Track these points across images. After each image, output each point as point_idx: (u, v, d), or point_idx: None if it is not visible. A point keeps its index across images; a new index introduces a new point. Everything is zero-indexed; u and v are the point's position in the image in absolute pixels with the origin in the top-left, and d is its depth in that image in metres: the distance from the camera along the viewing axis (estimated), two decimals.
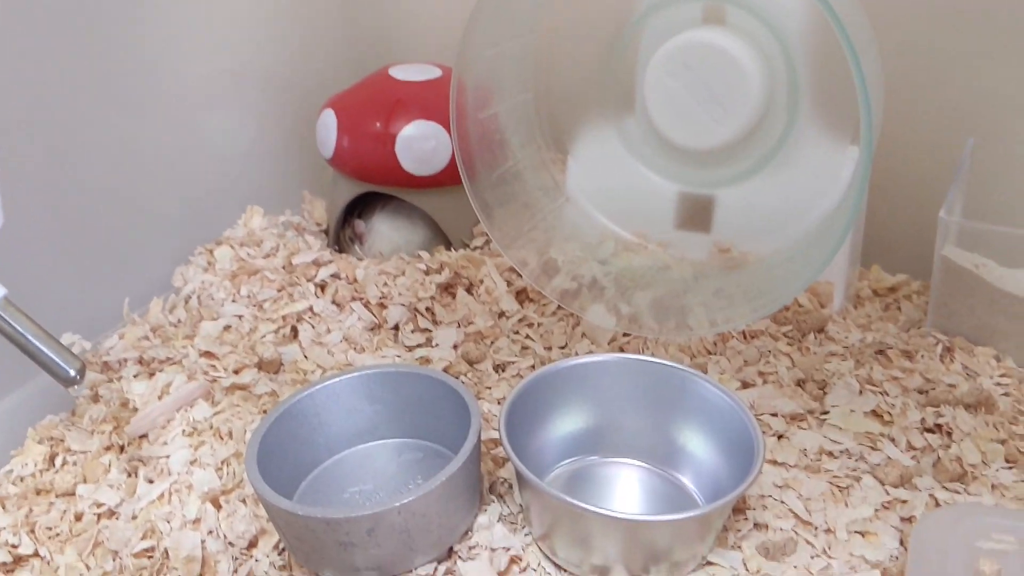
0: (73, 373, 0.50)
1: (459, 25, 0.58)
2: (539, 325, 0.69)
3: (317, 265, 0.77)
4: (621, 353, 0.64)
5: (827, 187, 0.62)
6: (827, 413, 0.59)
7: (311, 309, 0.71)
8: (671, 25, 0.63)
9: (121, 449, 0.58)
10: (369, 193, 0.81)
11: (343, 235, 0.85)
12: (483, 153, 0.64)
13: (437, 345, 0.67)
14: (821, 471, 0.54)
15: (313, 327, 0.70)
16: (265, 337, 0.69)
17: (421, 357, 0.66)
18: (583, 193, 0.70)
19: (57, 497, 0.55)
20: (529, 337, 0.68)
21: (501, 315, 0.70)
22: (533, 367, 0.64)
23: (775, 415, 0.59)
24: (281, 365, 0.66)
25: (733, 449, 0.50)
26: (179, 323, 0.71)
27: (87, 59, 0.65)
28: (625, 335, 0.67)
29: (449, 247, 0.81)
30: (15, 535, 0.52)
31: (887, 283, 0.76)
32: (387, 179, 0.79)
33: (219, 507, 0.53)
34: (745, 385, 0.62)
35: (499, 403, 0.61)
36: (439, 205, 0.80)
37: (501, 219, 0.64)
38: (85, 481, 0.56)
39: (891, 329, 0.69)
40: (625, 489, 0.54)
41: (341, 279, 0.75)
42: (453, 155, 0.64)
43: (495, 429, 0.58)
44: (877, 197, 0.73)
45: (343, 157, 0.79)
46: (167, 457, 0.57)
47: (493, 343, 0.67)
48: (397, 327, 0.70)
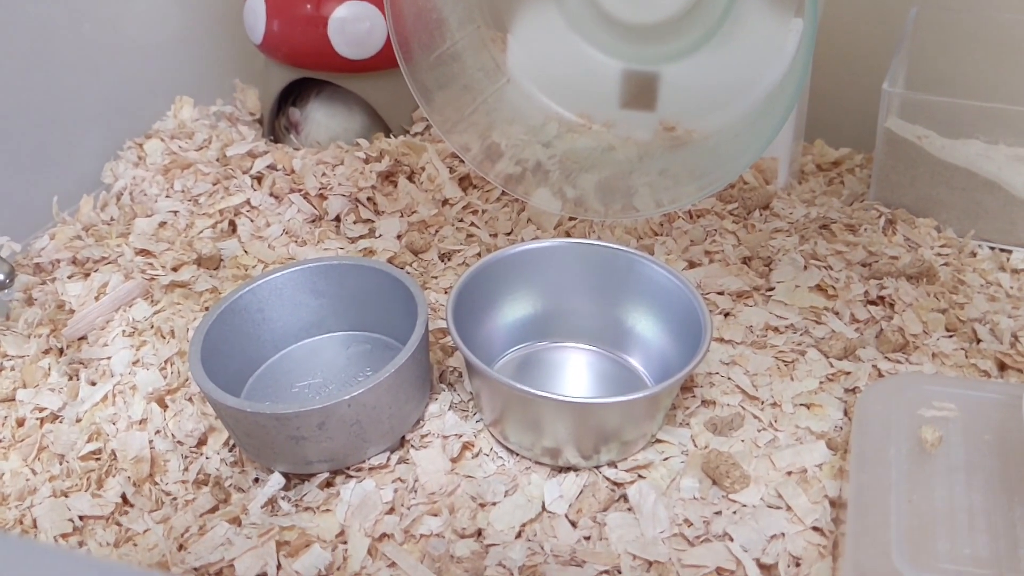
0: (2, 278, 0.49)
1: None
2: (484, 212, 0.68)
3: (252, 156, 0.74)
4: (567, 238, 0.63)
5: (772, 60, 0.61)
6: (772, 289, 0.59)
7: (248, 202, 0.69)
8: None
9: (60, 352, 0.57)
10: (303, 80, 0.78)
11: (278, 124, 0.82)
12: (420, 34, 0.61)
13: (380, 236, 0.66)
14: (767, 347, 0.55)
15: (252, 221, 0.68)
16: (203, 233, 0.67)
17: (365, 248, 0.65)
18: (525, 73, 0.68)
19: None
20: (474, 224, 0.67)
21: (445, 203, 0.69)
22: (479, 255, 0.64)
23: (721, 293, 0.59)
24: (221, 261, 0.64)
25: (681, 329, 0.51)
26: (112, 221, 0.69)
27: None
28: (571, 219, 0.67)
29: (388, 134, 0.79)
30: None
31: (830, 157, 0.76)
32: (320, 64, 0.76)
33: (165, 407, 0.53)
34: (692, 265, 0.62)
35: (446, 292, 0.61)
36: (376, 90, 0.78)
37: (441, 103, 0.62)
38: (24, 386, 0.55)
39: (835, 203, 0.69)
40: (574, 373, 0.54)
41: (278, 170, 0.72)
42: (389, 37, 0.61)
43: (443, 319, 0.57)
44: (820, 70, 0.72)
45: (273, 42, 0.76)
46: (108, 359, 0.56)
47: (437, 232, 0.66)
48: (338, 218, 0.68)
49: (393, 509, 0.46)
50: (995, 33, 0.71)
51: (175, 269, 0.63)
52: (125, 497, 0.48)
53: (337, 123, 0.79)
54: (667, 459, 0.48)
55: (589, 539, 0.44)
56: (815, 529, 0.44)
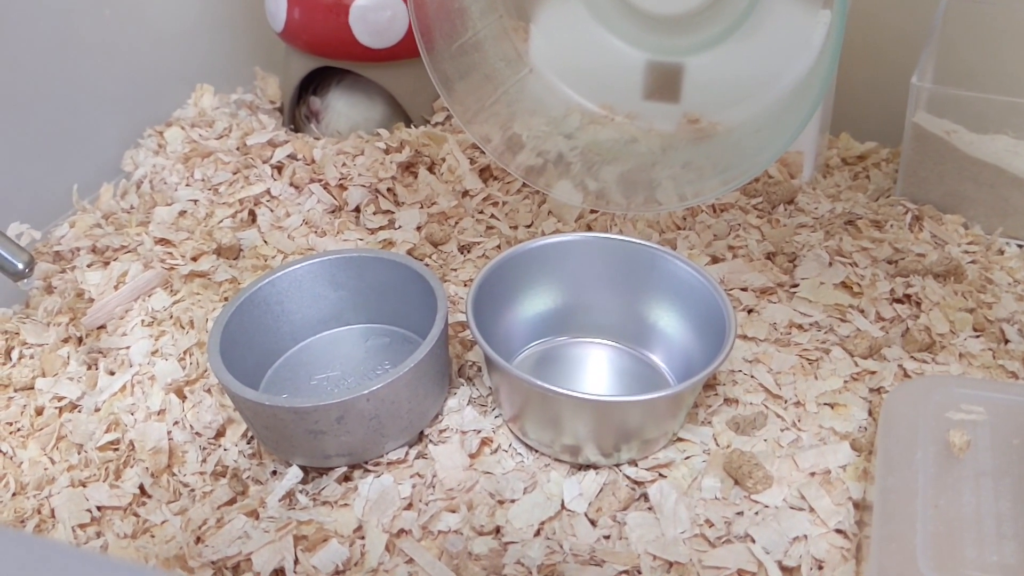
0: (21, 267, 0.48)
1: None
2: (504, 204, 0.68)
3: (273, 146, 0.74)
4: (589, 231, 0.62)
5: (799, 53, 0.60)
6: (797, 286, 0.58)
7: (268, 192, 0.69)
8: None
9: (79, 341, 0.57)
10: (324, 68, 0.78)
11: (298, 113, 0.82)
12: (441, 23, 0.61)
13: (400, 227, 0.66)
14: (791, 344, 0.54)
15: (271, 211, 0.68)
16: (222, 222, 0.67)
17: (384, 240, 0.64)
18: (547, 64, 0.67)
19: (16, 391, 0.54)
20: (494, 216, 0.66)
21: (465, 194, 0.69)
22: (499, 247, 0.63)
23: (745, 289, 0.58)
24: (240, 251, 0.64)
25: (704, 326, 0.50)
26: (132, 209, 0.69)
27: None
28: (592, 212, 0.66)
29: (409, 124, 0.79)
30: None
31: (856, 151, 0.75)
32: (341, 53, 0.75)
33: (183, 398, 0.52)
34: (715, 260, 0.61)
35: (465, 285, 0.60)
36: (397, 80, 0.77)
37: (462, 93, 0.61)
38: (44, 375, 0.55)
39: (860, 199, 0.68)
40: (595, 369, 0.54)
41: (298, 160, 0.72)
42: (410, 26, 0.61)
43: (462, 312, 0.57)
44: (846, 62, 0.71)
45: (294, 30, 0.75)
46: (127, 348, 0.56)
47: (457, 223, 0.66)
48: (358, 209, 0.68)
49: (411, 505, 0.45)
50: None
51: (194, 259, 0.63)
52: (143, 488, 0.48)
53: (358, 113, 0.78)
54: (688, 458, 0.47)
55: (608, 538, 0.43)
56: (838, 532, 0.43)
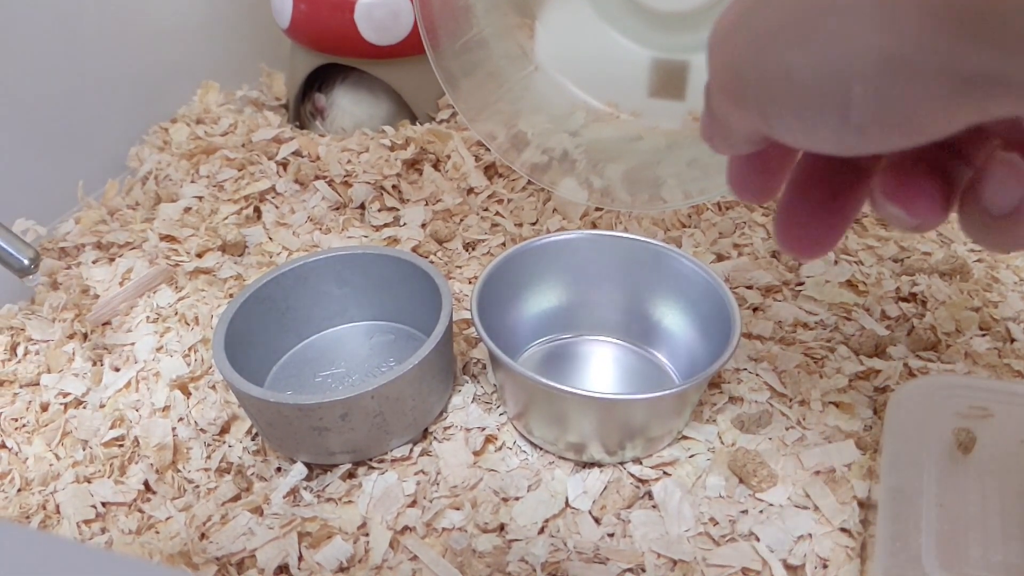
0: (27, 262, 0.48)
1: None
2: (509, 201, 0.68)
3: (278, 142, 0.74)
4: (593, 229, 0.62)
5: None
6: (802, 284, 0.58)
7: (273, 189, 0.69)
8: None
9: (84, 337, 0.57)
10: (329, 65, 0.78)
11: (303, 110, 0.82)
12: (446, 20, 0.61)
13: (405, 224, 0.66)
14: (796, 343, 0.54)
15: (276, 207, 0.68)
16: (227, 219, 0.67)
17: (389, 237, 0.64)
18: (552, 61, 0.67)
19: (21, 387, 0.54)
20: (499, 214, 0.66)
21: (470, 191, 0.69)
22: (504, 245, 0.63)
23: (750, 287, 0.58)
24: (245, 247, 0.64)
25: (709, 324, 0.50)
26: (136, 205, 0.69)
27: None
28: (597, 209, 0.66)
29: (414, 121, 0.79)
30: None
31: None
32: (347, 49, 0.75)
33: (188, 394, 0.53)
34: (720, 258, 0.61)
35: (470, 283, 0.60)
36: (402, 77, 0.77)
37: (467, 90, 0.61)
38: (49, 371, 0.55)
39: None
40: (600, 366, 0.54)
41: (303, 157, 0.72)
42: (416, 23, 0.60)
43: (467, 309, 0.57)
44: None
45: (300, 27, 0.75)
46: (132, 344, 0.56)
47: (462, 221, 0.66)
48: (363, 206, 0.68)
49: (415, 502, 0.45)
50: None
51: (199, 255, 0.63)
52: (148, 484, 0.48)
53: (362, 109, 0.78)
54: (693, 456, 0.47)
55: (613, 536, 0.43)
56: (843, 531, 0.43)
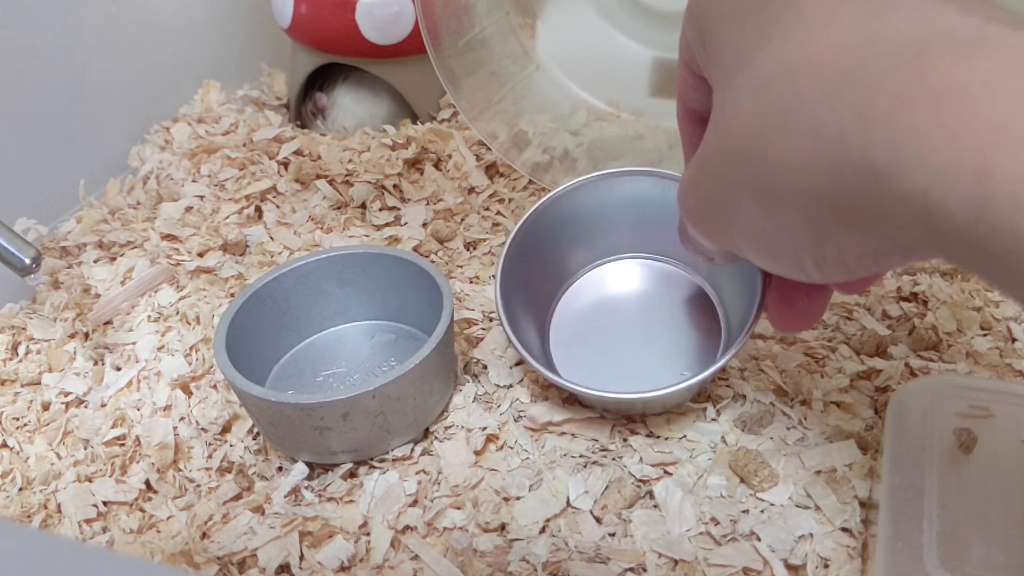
0: (28, 261, 0.48)
1: None
2: (510, 201, 0.68)
3: (279, 142, 0.74)
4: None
5: None
6: None
7: (275, 188, 0.69)
8: None
9: (85, 336, 0.57)
10: (330, 65, 0.78)
11: (304, 110, 0.82)
12: (448, 19, 0.61)
13: (406, 223, 0.66)
14: (797, 343, 0.54)
15: (277, 207, 0.68)
16: (228, 218, 0.67)
17: (390, 236, 0.64)
18: (553, 60, 0.67)
19: (22, 387, 0.54)
20: (500, 213, 0.66)
21: (471, 191, 0.69)
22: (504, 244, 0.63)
23: None
24: (247, 247, 0.64)
25: (745, 297, 0.49)
26: (138, 205, 0.69)
27: None
28: None
29: (415, 120, 0.79)
30: None
31: None
32: (348, 49, 0.75)
33: (189, 393, 0.53)
34: None
35: (471, 282, 0.60)
36: (403, 76, 0.77)
37: (468, 90, 0.61)
38: (50, 370, 0.55)
39: None
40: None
41: (304, 156, 0.72)
42: (417, 23, 0.60)
43: (468, 308, 0.57)
44: None
45: (301, 26, 0.75)
46: (133, 344, 0.56)
47: (463, 220, 0.66)
48: (364, 205, 0.68)
49: (416, 501, 0.45)
50: None
51: (201, 255, 0.63)
52: (149, 483, 0.48)
53: (364, 109, 0.78)
54: (695, 456, 0.47)
55: (614, 536, 0.43)
56: (844, 530, 0.43)
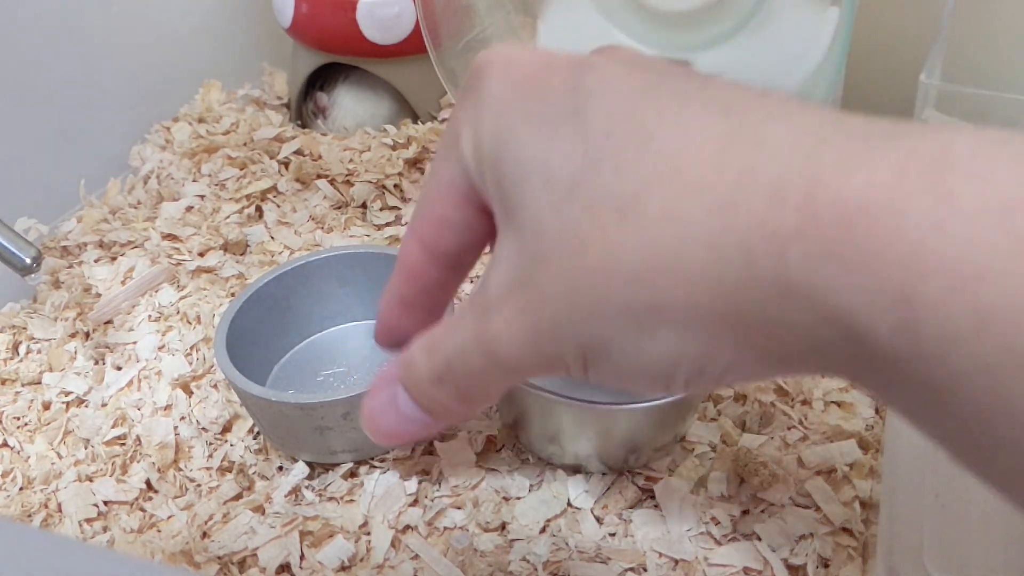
0: (29, 261, 0.48)
1: None
2: None
3: (279, 141, 0.74)
4: None
5: (807, 50, 0.60)
6: None
7: (275, 188, 0.69)
8: None
9: (86, 336, 0.57)
10: (331, 64, 0.78)
11: (305, 109, 0.81)
12: (448, 19, 0.61)
13: (407, 223, 0.66)
14: None
15: (278, 206, 0.68)
16: (229, 218, 0.67)
17: (391, 236, 0.64)
18: None
19: (23, 386, 0.54)
20: None
21: None
22: None
23: None
24: (247, 246, 0.64)
25: None
26: (139, 204, 0.69)
27: None
28: None
29: (416, 120, 0.78)
30: None
31: None
32: (349, 49, 0.75)
33: (190, 393, 0.53)
34: None
35: (471, 281, 0.60)
36: (404, 76, 0.77)
37: None
38: (51, 369, 0.55)
39: None
40: None
41: (305, 155, 0.72)
42: (417, 22, 0.60)
43: None
44: (854, 60, 0.71)
45: (302, 26, 0.75)
46: (134, 343, 0.56)
47: None
48: (365, 205, 0.68)
49: (417, 501, 0.45)
50: None
51: (201, 254, 0.63)
52: (149, 483, 0.48)
53: (364, 109, 0.78)
54: (696, 456, 0.47)
55: (615, 536, 0.43)
56: (845, 530, 0.43)
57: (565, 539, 0.43)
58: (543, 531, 0.44)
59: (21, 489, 0.48)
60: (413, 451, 0.48)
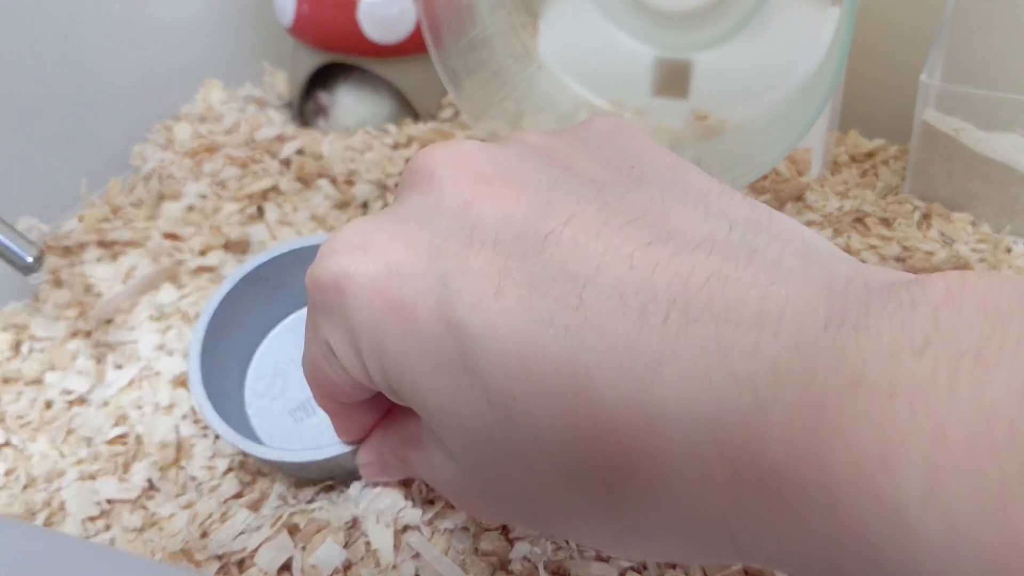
0: (31, 260, 0.49)
1: None
2: None
3: (281, 141, 0.74)
4: None
5: (807, 50, 0.60)
6: None
7: (276, 187, 0.69)
8: None
9: (87, 335, 0.57)
10: (332, 64, 0.78)
11: (306, 108, 0.82)
12: (450, 18, 0.61)
13: None
14: None
15: (279, 206, 0.68)
16: (230, 217, 0.67)
17: None
18: (556, 60, 0.67)
19: (25, 385, 0.54)
20: None
21: None
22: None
23: None
24: (249, 245, 0.64)
25: None
26: (140, 203, 0.69)
27: None
28: None
29: (417, 119, 0.79)
30: None
31: (864, 148, 0.75)
32: (350, 48, 0.75)
33: (190, 391, 0.53)
34: None
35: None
36: (405, 75, 0.77)
37: (470, 89, 0.61)
38: (53, 368, 0.55)
39: (869, 196, 0.68)
40: None
41: (306, 155, 0.72)
42: (419, 21, 0.61)
43: None
44: (855, 58, 0.71)
45: (303, 25, 0.75)
46: (135, 342, 0.56)
47: None
48: (366, 204, 0.68)
49: (417, 501, 0.45)
50: None
51: (202, 253, 0.63)
52: (151, 482, 0.48)
53: (366, 108, 0.78)
54: None
55: None
56: None
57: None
58: None
59: (24, 487, 0.48)
60: None
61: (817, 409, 0.19)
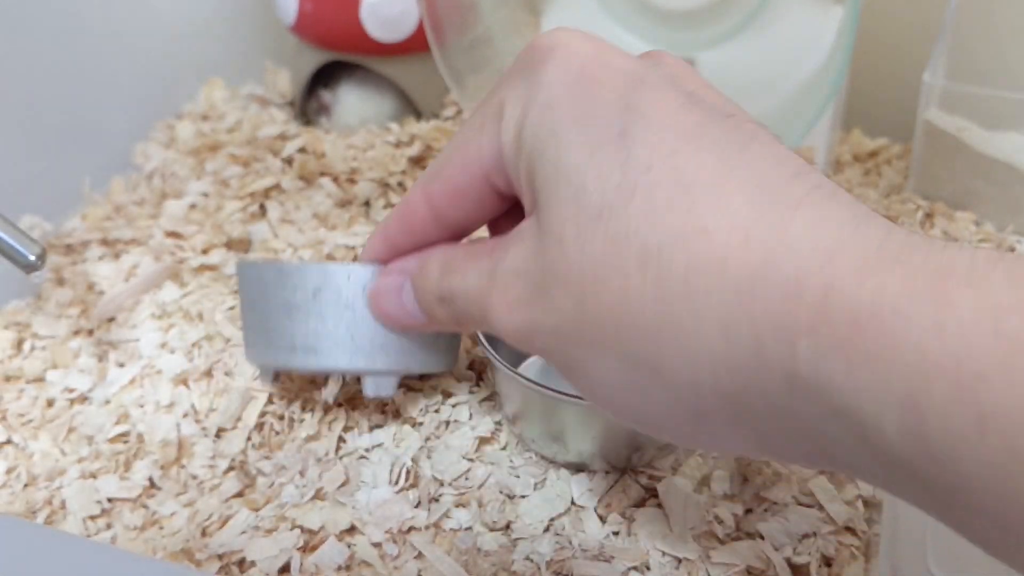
0: (33, 258, 0.49)
1: None
2: None
3: (283, 139, 0.74)
4: None
5: (810, 49, 0.60)
6: None
7: (279, 185, 0.69)
8: None
9: (89, 333, 0.57)
10: (334, 62, 0.78)
11: (308, 107, 0.82)
12: (452, 17, 0.61)
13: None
14: None
15: (281, 204, 0.68)
16: (233, 215, 0.67)
17: None
18: None
19: (27, 383, 0.54)
20: None
21: None
22: None
23: None
24: (250, 244, 0.64)
25: None
26: (142, 202, 0.69)
27: None
28: None
29: (419, 118, 0.79)
30: None
31: (867, 147, 0.75)
32: (352, 46, 0.75)
33: (192, 390, 0.53)
34: None
35: None
36: (408, 74, 0.77)
37: (473, 88, 0.61)
38: (55, 367, 0.55)
39: (872, 195, 0.68)
40: None
41: (308, 153, 0.72)
42: (421, 20, 0.60)
43: None
44: (858, 58, 0.71)
45: (305, 24, 0.75)
46: (137, 341, 0.56)
47: None
48: (368, 203, 0.68)
49: (419, 501, 0.45)
50: None
51: (205, 252, 0.63)
52: (152, 480, 0.48)
53: (368, 107, 0.78)
54: (699, 454, 0.47)
55: (618, 534, 0.43)
56: (848, 529, 0.43)
57: (569, 538, 0.43)
58: (547, 530, 0.44)
59: (26, 486, 0.48)
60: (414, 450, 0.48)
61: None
